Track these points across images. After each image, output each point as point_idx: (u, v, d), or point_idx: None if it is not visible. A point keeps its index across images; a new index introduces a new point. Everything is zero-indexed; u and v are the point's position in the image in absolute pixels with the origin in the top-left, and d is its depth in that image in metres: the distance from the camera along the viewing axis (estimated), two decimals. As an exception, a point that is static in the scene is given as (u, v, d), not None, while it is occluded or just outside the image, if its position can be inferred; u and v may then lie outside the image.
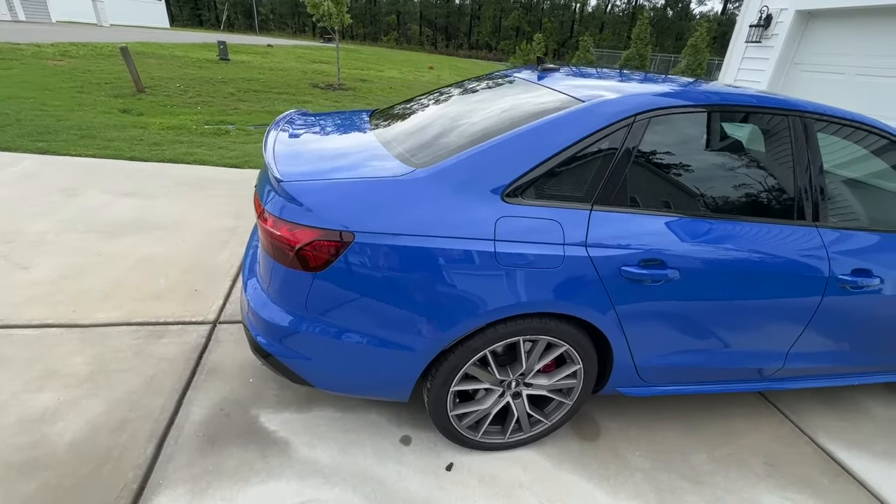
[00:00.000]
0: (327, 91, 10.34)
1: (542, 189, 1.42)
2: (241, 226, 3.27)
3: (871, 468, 1.90)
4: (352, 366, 1.47)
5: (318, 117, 2.18)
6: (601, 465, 1.75)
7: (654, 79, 1.93)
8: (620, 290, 1.47)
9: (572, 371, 1.63)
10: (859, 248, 1.74)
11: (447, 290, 1.34)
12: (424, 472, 1.63)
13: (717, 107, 1.63)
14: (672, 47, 42.15)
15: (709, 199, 1.62)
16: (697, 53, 18.56)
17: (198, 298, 2.42)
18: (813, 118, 1.70)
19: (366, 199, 1.34)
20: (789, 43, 5.10)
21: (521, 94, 1.76)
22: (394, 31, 54.16)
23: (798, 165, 1.67)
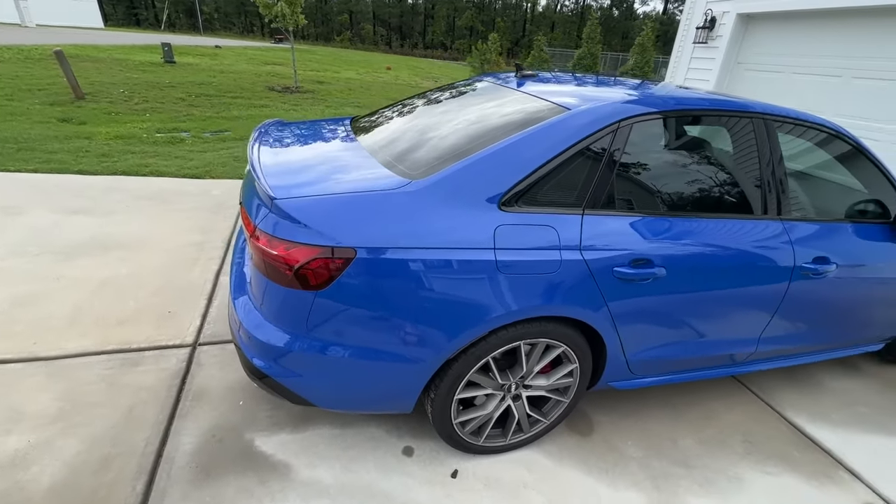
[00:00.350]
0: (284, 94, 10.04)
1: (536, 196, 1.45)
2: (209, 241, 3.13)
3: (832, 437, 2.08)
4: (356, 382, 1.45)
5: (298, 127, 2.12)
6: (598, 458, 1.82)
7: (630, 84, 2.01)
8: (613, 289, 1.52)
9: (569, 370, 1.67)
10: (817, 238, 1.89)
11: (450, 300, 1.35)
12: (431, 481, 1.63)
13: (692, 112, 1.73)
14: (619, 46, 43.90)
15: (688, 198, 1.72)
16: (644, 52, 19.45)
17: (172, 320, 2.29)
18: (774, 119, 1.83)
19: (363, 214, 1.33)
20: (732, 44, 5.45)
21: (505, 102, 1.79)
22: (347, 31, 53.22)
23: (763, 164, 1.80)
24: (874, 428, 2.16)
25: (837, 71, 4.60)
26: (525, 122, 1.55)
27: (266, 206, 1.34)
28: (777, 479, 1.82)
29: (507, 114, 1.66)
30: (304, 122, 2.27)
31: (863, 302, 2.14)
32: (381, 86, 14.35)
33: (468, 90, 2.13)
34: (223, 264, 2.86)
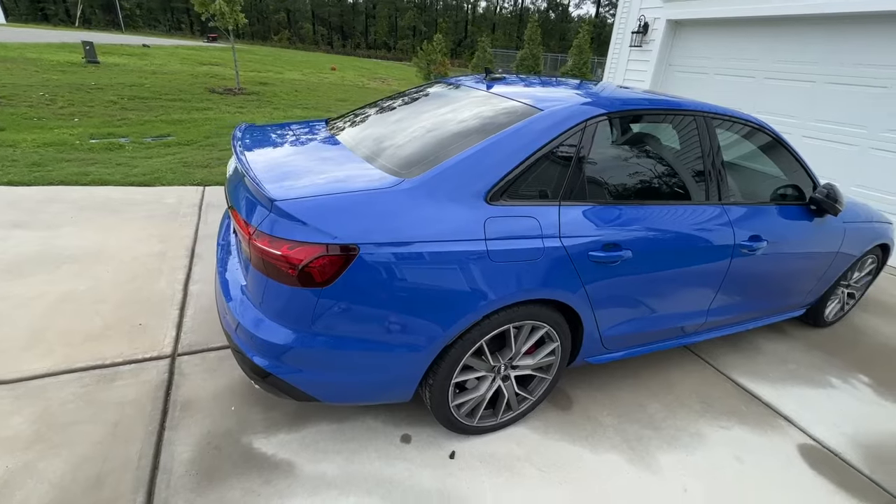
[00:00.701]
0: (227, 96, 9.62)
1: (518, 190, 1.58)
2: (171, 250, 3.01)
3: (771, 392, 2.39)
4: (361, 374, 1.51)
5: (275, 130, 2.12)
6: (579, 428, 1.99)
7: (588, 86, 2.20)
8: (588, 272, 1.69)
9: (552, 349, 1.83)
10: (750, 219, 2.17)
11: (448, 288, 1.44)
12: (432, 464, 1.72)
13: (650, 110, 1.94)
14: (557, 47, 45.73)
15: (646, 188, 1.92)
16: (582, 53, 20.46)
17: (145, 333, 2.21)
18: (711, 116, 2.09)
19: (363, 212, 1.39)
20: (664, 47, 5.94)
21: (480, 103, 1.91)
22: (285, 30, 51.37)
23: (705, 156, 2.05)
24: (802, 381, 2.50)
25: (752, 73, 5.17)
26: (503, 122, 1.68)
27: (266, 208, 1.37)
28: (730, 432, 2.08)
29: (485, 114, 1.78)
30: (280, 124, 2.27)
31: (788, 273, 2.47)
32: (329, 87, 14.08)
33: (441, 92, 2.22)
34: (190, 273, 2.77)
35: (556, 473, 1.75)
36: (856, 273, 2.93)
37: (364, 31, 57.38)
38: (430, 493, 1.61)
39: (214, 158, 5.18)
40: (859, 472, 1.93)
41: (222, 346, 2.18)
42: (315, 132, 2.10)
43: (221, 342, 2.21)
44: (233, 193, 1.65)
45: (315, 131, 2.11)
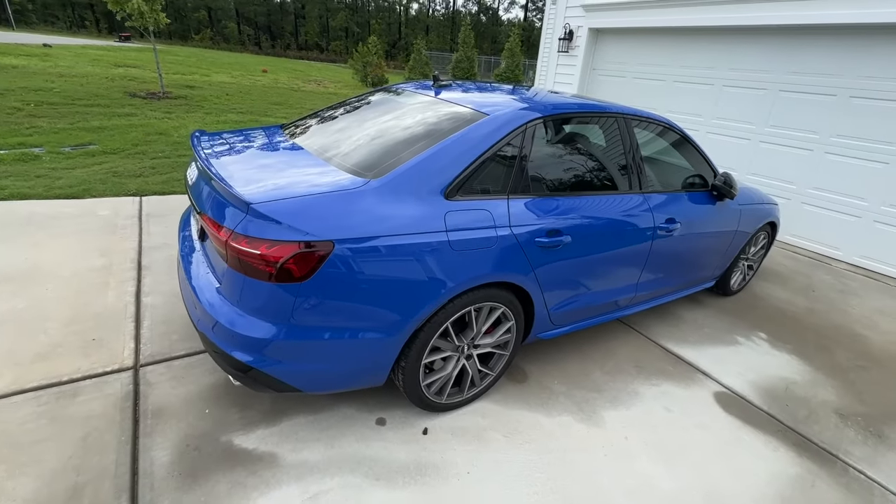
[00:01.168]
0: (151, 101, 9.04)
1: (472, 186, 1.78)
2: (115, 263, 2.89)
3: (691, 352, 2.79)
4: (339, 362, 1.63)
5: (233, 136, 2.16)
6: (535, 397, 2.23)
7: (525, 91, 2.46)
8: (536, 255, 1.92)
9: (508, 327, 2.04)
10: (666, 205, 2.53)
11: (417, 277, 1.61)
12: (407, 441, 1.87)
13: (579, 113, 2.22)
14: (490, 50, 47.08)
15: (580, 180, 2.20)
16: (513, 56, 21.33)
17: (100, 348, 2.15)
18: (630, 117, 2.42)
19: (335, 211, 1.51)
20: (588, 53, 6.47)
21: (432, 108, 2.08)
22: (207, 30, 48.37)
23: (626, 151, 2.37)
24: (715, 342, 2.94)
25: (662, 77, 5.80)
26: (454, 126, 1.87)
27: (241, 210, 1.45)
28: (660, 388, 2.42)
29: (438, 119, 1.96)
30: (236, 130, 2.30)
31: (698, 250, 2.89)
32: (262, 90, 13.59)
33: (395, 98, 2.37)
34: (140, 285, 2.70)
35: (519, 437, 1.97)
36: (752, 248, 3.45)
37: (294, 31, 55.48)
38: (408, 466, 1.76)
39: (147, 167, 4.93)
40: (759, 408, 2.34)
41: (187, 354, 2.18)
42: (274, 137, 2.17)
43: (186, 350, 2.21)
44: (200, 198, 1.69)
45: (274, 136, 2.18)
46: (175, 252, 3.11)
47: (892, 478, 2.00)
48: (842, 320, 3.37)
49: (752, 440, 2.12)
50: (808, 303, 3.61)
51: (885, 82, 4.03)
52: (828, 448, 2.13)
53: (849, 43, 4.20)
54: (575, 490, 1.74)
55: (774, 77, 4.74)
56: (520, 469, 1.81)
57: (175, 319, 2.42)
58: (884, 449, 2.17)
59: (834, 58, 4.31)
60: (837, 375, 2.70)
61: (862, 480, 1.97)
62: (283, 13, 54.64)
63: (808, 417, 2.32)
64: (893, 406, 2.49)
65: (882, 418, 2.38)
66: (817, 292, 3.82)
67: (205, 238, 1.82)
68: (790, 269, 4.28)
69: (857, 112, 4.23)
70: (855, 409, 2.42)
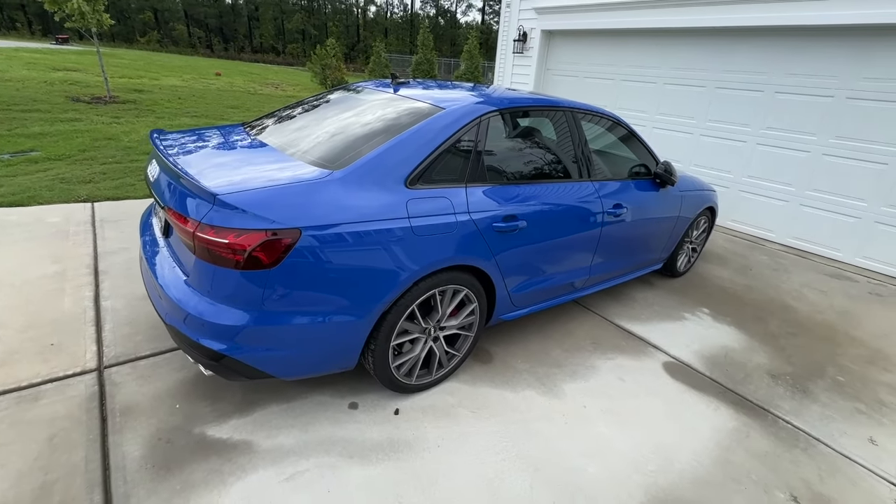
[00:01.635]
0: (96, 105, 8.63)
1: (432, 175, 1.89)
2: (70, 269, 2.81)
3: (642, 329, 3.01)
4: (311, 345, 1.69)
5: (192, 134, 2.18)
6: (500, 375, 2.36)
7: (479, 88, 2.59)
8: (494, 240, 2.05)
9: (471, 309, 2.16)
10: (612, 192, 2.73)
11: (383, 261, 1.70)
12: (379, 422, 1.96)
13: (530, 107, 2.38)
14: (449, 52, 47.50)
15: (533, 169, 2.35)
16: (472, 58, 21.67)
17: (60, 352, 2.11)
18: (578, 111, 2.60)
19: (300, 200, 1.58)
20: (541, 54, 6.73)
21: (391, 104, 2.18)
22: (153, 32, 46.14)
23: (575, 143, 2.55)
24: (664, 318, 3.18)
25: (611, 76, 6.13)
26: (413, 119, 1.97)
27: (208, 202, 1.49)
28: (614, 361, 2.61)
29: (397, 113, 2.06)
30: (196, 129, 2.30)
31: (645, 234, 3.12)
32: (216, 93, 13.20)
33: (355, 95, 2.45)
34: (99, 290, 2.64)
35: (485, 411, 2.09)
36: (694, 231, 3.74)
37: (248, 34, 53.84)
38: (381, 444, 1.84)
39: (97, 173, 4.74)
40: (702, 374, 2.57)
41: (154, 354, 2.17)
42: (236, 134, 2.20)
43: (151, 350, 2.20)
44: (164, 194, 1.71)
45: (236, 134, 2.20)
46: (135, 255, 3.05)
47: (813, 425, 2.26)
48: (775, 294, 3.72)
49: (696, 402, 2.33)
50: (746, 280, 3.94)
51: (806, 78, 4.47)
52: (761, 404, 2.37)
53: (716, 42, 4.61)
54: (538, 454, 1.88)
55: (710, 76, 5.13)
56: (487, 440, 1.93)
57: (139, 321, 2.39)
58: (808, 402, 2.44)
59: (757, 57, 4.73)
60: (770, 342, 2.99)
61: (789, 429, 2.22)
62: (235, 15, 52.94)
63: (744, 379, 2.57)
64: (816, 365, 2.79)
65: (807, 376, 2.67)
66: (754, 271, 4.17)
67: (169, 234, 1.83)
68: (730, 250, 4.65)
69: (779, 106, 4.65)
70: (784, 370, 2.70)
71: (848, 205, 4.40)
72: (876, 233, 4.29)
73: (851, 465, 2.03)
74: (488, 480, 1.73)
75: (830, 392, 2.53)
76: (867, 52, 4.08)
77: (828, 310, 3.52)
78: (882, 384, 2.65)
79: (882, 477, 1.98)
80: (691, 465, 1.92)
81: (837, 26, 4.10)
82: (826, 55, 4.31)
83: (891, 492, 1.91)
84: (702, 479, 1.85)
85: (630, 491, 1.76)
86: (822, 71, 4.35)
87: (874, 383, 2.66)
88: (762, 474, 1.92)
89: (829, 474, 1.96)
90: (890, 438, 2.22)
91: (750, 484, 1.86)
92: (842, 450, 2.11)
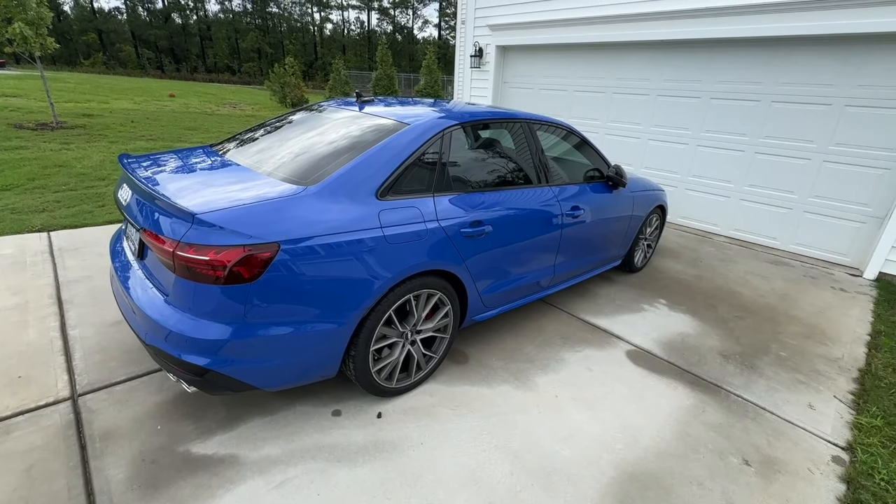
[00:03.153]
0: (43, 132, 8.25)
1: (401, 187, 2.01)
2: (32, 300, 2.73)
3: (606, 321, 3.21)
4: (293, 355, 1.75)
5: (161, 156, 2.21)
6: (476, 374, 2.48)
7: (440, 103, 2.75)
8: (463, 245, 2.19)
9: (445, 311, 2.27)
10: (571, 195, 2.94)
11: (359, 270, 1.79)
12: (363, 426, 2.02)
13: (489, 120, 2.55)
14: (408, 67, 48.11)
15: (495, 177, 2.51)
16: (431, 73, 22.07)
17: (29, 384, 2.06)
18: (534, 122, 2.80)
19: (277, 216, 1.66)
20: (497, 68, 7.03)
21: (357, 121, 2.29)
22: (99, 53, 44.31)
23: (532, 152, 2.74)
24: (626, 310, 3.40)
25: (564, 87, 6.48)
26: (379, 135, 2.09)
27: (186, 221, 1.55)
28: (582, 353, 2.78)
29: (363, 130, 2.17)
30: (162, 152, 2.32)
31: (602, 233, 3.34)
32: (172, 115, 12.86)
33: (321, 113, 2.54)
34: (65, 319, 2.58)
35: (464, 408, 2.20)
36: (648, 228, 4.02)
37: (201, 53, 52.58)
38: (366, 447, 1.91)
39: (51, 201, 4.58)
40: (662, 359, 2.78)
41: (129, 378, 2.16)
42: (207, 155, 2.24)
43: (127, 375, 2.18)
44: (138, 217, 1.74)
45: (206, 155, 2.25)
46: (100, 283, 2.99)
47: (760, 397, 2.49)
48: (722, 282, 4.03)
49: (656, 384, 2.53)
50: (697, 271, 4.25)
51: (735, 85, 4.91)
52: (714, 382, 2.60)
53: (656, 53, 5.05)
54: (516, 444, 2.00)
55: (653, 85, 5.53)
56: (467, 434, 2.03)
57: (110, 347, 2.36)
58: (755, 377, 2.68)
59: (693, 66, 5.16)
60: (720, 326, 3.26)
61: (740, 402, 2.44)
62: (186, 35, 51.59)
63: (699, 361, 2.80)
64: (762, 344, 3.06)
65: (754, 354, 2.93)
66: (703, 262, 4.51)
67: (144, 256, 1.86)
68: (681, 245, 4.99)
69: (716, 111, 5.08)
70: (734, 350, 2.95)
71: (780, 197, 4.83)
72: (805, 221, 4.73)
73: (794, 429, 2.26)
74: (470, 470, 1.83)
75: (774, 366, 2.80)
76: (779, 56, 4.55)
77: (769, 293, 3.86)
78: (818, 356, 2.95)
79: (820, 437, 2.22)
80: (654, 440, 2.09)
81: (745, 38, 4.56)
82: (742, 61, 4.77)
83: (828, 449, 2.14)
84: (665, 452, 2.02)
85: (602, 468, 1.91)
86: (746, 77, 4.80)
87: (812, 356, 2.95)
88: (717, 443, 2.11)
89: (775, 438, 2.18)
90: (826, 403, 2.48)
91: (707, 453, 2.05)
92: (785, 416, 2.35)
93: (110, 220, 4.23)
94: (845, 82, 4.26)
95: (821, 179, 4.56)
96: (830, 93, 4.35)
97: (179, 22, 51.58)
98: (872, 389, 2.58)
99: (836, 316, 3.53)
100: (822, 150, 4.49)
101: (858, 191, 4.36)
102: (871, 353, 3.00)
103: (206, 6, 52.95)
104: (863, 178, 4.32)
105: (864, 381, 2.69)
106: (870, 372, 2.77)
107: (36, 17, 7.92)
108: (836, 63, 4.28)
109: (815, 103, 4.44)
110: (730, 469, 1.96)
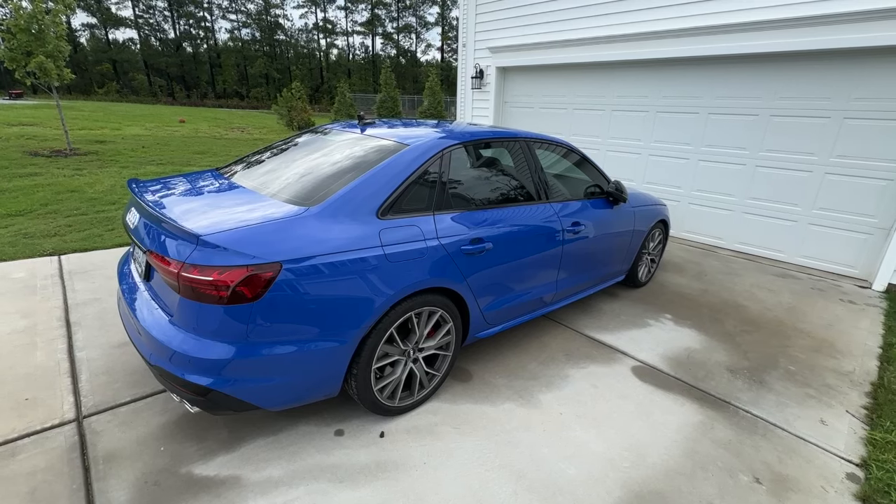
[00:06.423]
0: (56, 159, 8.48)
1: (401, 206, 2.04)
2: (41, 323, 2.77)
3: (611, 337, 3.19)
4: (295, 374, 1.76)
5: (168, 181, 2.27)
6: (479, 392, 2.46)
7: (441, 124, 2.81)
8: (463, 262, 2.20)
9: (447, 329, 2.28)
10: (570, 212, 2.96)
11: (360, 288, 1.81)
12: (366, 446, 2.01)
13: (488, 139, 2.59)
14: (412, 89, 49.06)
15: (495, 195, 2.55)
16: (434, 94, 22.52)
17: (36, 406, 2.08)
18: (533, 141, 2.84)
19: (279, 236, 1.69)
20: (498, 89, 7.17)
21: (359, 143, 2.34)
22: (112, 82, 45.78)
23: (532, 170, 2.78)
24: (630, 326, 3.37)
25: (563, 105, 6.58)
26: (380, 156, 2.14)
27: (191, 243, 1.59)
28: (587, 369, 2.76)
29: (365, 151, 2.22)
30: (169, 176, 2.39)
31: (604, 249, 3.34)
32: (182, 140, 13.18)
33: (323, 136, 2.61)
34: (72, 341, 2.61)
35: (468, 427, 2.18)
36: (650, 243, 4.02)
37: (210, 80, 54.11)
38: (369, 466, 1.90)
39: (62, 226, 4.68)
40: (668, 374, 2.75)
41: (134, 399, 2.17)
42: (212, 179, 2.30)
43: (132, 396, 2.19)
44: (145, 239, 1.79)
45: (211, 178, 2.31)
46: (108, 305, 3.03)
47: (770, 412, 2.44)
48: (728, 296, 4.00)
49: (663, 400, 2.49)
50: (702, 285, 4.23)
51: (733, 100, 4.96)
52: (722, 397, 2.55)
53: (653, 71, 5.12)
54: (521, 462, 1.97)
55: (653, 101, 5.60)
56: (471, 453, 2.01)
57: (116, 369, 2.39)
58: (764, 392, 2.64)
59: (691, 82, 5.23)
60: (727, 340, 3.22)
61: (749, 418, 2.39)
62: (196, 62, 53.23)
63: (706, 376, 2.76)
64: (770, 358, 3.02)
65: (762, 369, 2.88)
66: (708, 276, 4.48)
67: (150, 277, 1.90)
68: (685, 259, 4.97)
69: (715, 126, 5.12)
70: (741, 365, 2.91)
71: (784, 210, 4.82)
72: (810, 233, 4.70)
73: (806, 446, 2.21)
74: (474, 491, 1.81)
75: (783, 381, 2.75)
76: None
77: (776, 307, 3.82)
78: (828, 370, 2.90)
79: (833, 453, 2.16)
80: (662, 458, 2.05)
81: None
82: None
83: (841, 466, 2.09)
84: (673, 470, 1.98)
85: (608, 487, 1.87)
86: (744, 93, 4.86)
87: (821, 369, 2.90)
88: (727, 461, 2.07)
89: (786, 455, 2.13)
90: (838, 418, 2.43)
91: (716, 470, 2.00)
92: (796, 432, 2.30)
93: (119, 243, 4.31)
94: (843, 95, 4.29)
95: (824, 191, 4.55)
96: (829, 106, 4.38)
97: (190, 50, 53.28)
98: (886, 403, 2.53)
99: (845, 328, 3.48)
100: (824, 163, 4.50)
101: (863, 202, 4.35)
102: (883, 366, 2.94)
103: (216, 35, 54.71)
104: (866, 190, 4.31)
105: (878, 395, 2.63)
106: (883, 385, 2.71)
107: (55, 50, 8.25)
108: (833, 77, 4.32)
109: (814, 116, 4.47)
110: (740, 488, 1.92)
